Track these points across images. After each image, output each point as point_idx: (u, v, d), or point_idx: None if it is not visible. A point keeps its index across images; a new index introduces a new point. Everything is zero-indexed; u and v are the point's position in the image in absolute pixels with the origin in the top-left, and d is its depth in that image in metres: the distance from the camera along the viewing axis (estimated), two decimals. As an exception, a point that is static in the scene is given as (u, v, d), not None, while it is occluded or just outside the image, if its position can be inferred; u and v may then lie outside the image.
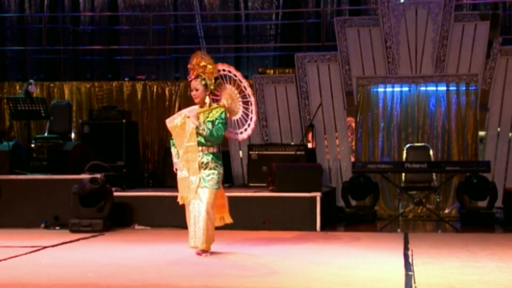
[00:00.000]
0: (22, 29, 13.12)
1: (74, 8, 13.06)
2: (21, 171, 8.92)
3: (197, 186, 5.97)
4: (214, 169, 6.06)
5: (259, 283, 4.83)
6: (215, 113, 6.12)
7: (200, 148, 6.03)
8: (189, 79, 6.16)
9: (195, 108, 6.14)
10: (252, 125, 6.39)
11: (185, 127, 6.01)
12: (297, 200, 8.32)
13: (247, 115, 6.36)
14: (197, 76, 6.10)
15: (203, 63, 6.13)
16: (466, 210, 9.37)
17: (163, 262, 5.75)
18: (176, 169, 6.09)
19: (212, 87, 6.15)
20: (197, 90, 6.10)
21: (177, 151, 6.07)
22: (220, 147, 6.26)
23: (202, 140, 6.04)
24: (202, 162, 6.02)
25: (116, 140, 10.37)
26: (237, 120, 6.37)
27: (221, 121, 6.07)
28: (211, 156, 6.08)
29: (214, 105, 6.18)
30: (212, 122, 6.07)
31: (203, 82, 6.09)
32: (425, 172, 9.05)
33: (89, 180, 8.02)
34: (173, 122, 6.09)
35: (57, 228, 8.31)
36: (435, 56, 10.13)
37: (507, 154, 10.03)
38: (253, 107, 6.36)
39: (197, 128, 5.96)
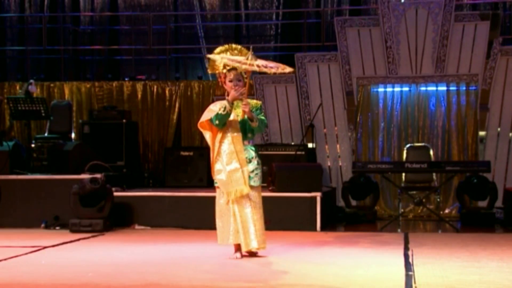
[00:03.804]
0: (22, 29, 13.12)
1: (74, 8, 13.06)
2: (21, 171, 8.92)
3: (247, 180, 5.78)
4: (258, 163, 5.94)
5: (259, 283, 4.83)
6: (254, 107, 5.91)
7: (244, 140, 5.89)
8: (220, 70, 5.89)
9: (225, 100, 5.86)
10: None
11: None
12: (297, 200, 8.32)
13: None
14: (233, 68, 5.87)
15: (229, 61, 5.89)
16: (466, 210, 9.37)
17: (163, 262, 5.75)
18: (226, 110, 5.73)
19: (247, 81, 5.92)
20: (239, 81, 5.86)
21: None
22: None
23: (246, 133, 5.90)
24: (247, 157, 5.86)
25: (116, 140, 10.37)
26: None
27: (262, 112, 5.95)
28: (254, 150, 5.95)
29: (249, 99, 5.94)
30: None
31: (243, 75, 5.89)
32: (425, 172, 9.05)
33: (89, 180, 8.02)
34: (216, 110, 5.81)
35: (57, 228, 8.31)
36: (435, 56, 10.13)
37: (507, 154, 10.03)
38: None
39: (250, 118, 5.77)
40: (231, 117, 5.85)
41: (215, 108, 5.88)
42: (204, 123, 5.93)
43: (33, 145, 9.98)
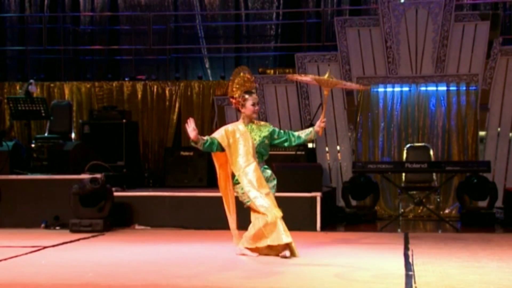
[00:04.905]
0: (22, 29, 13.12)
1: (74, 8, 13.06)
2: (21, 171, 8.92)
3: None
4: (274, 179, 6.17)
5: (259, 283, 4.83)
6: (265, 128, 6.14)
7: (260, 162, 6.09)
8: (239, 97, 6.10)
9: (238, 123, 6.14)
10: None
11: (239, 143, 6.01)
12: (297, 200, 8.31)
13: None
14: (250, 92, 6.11)
15: (252, 79, 6.22)
16: (466, 210, 9.37)
17: (163, 262, 5.75)
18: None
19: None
20: (258, 104, 6.15)
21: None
22: None
23: (262, 155, 6.11)
24: (266, 177, 6.06)
25: (116, 140, 10.37)
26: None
27: (276, 130, 6.18)
28: (267, 167, 6.17)
29: (260, 122, 6.25)
30: (266, 137, 6.09)
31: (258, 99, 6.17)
32: (425, 172, 9.05)
33: (90, 180, 8.02)
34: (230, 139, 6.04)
35: (57, 228, 8.31)
36: (435, 56, 10.13)
37: (507, 154, 10.03)
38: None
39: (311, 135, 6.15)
40: (250, 143, 6.00)
41: (230, 128, 6.08)
42: None
43: (33, 145, 9.98)
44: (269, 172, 6.14)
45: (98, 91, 11.54)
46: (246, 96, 6.09)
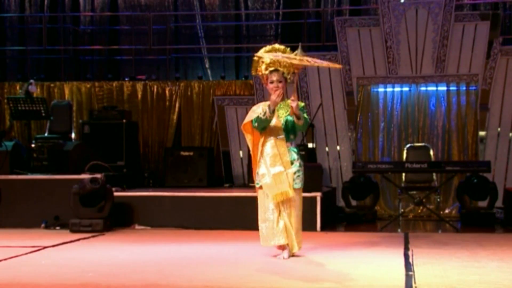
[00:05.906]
0: (22, 29, 13.12)
1: (74, 8, 13.06)
2: (21, 171, 8.92)
3: (292, 182, 5.81)
4: (300, 165, 5.94)
5: (259, 283, 4.83)
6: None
7: (287, 142, 5.86)
8: (263, 72, 5.88)
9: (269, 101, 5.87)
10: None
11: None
12: (297, 200, 8.29)
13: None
14: (275, 70, 5.85)
15: (281, 57, 5.87)
16: (466, 210, 9.37)
17: (163, 262, 5.75)
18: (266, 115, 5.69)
19: (289, 81, 5.96)
20: (280, 82, 5.81)
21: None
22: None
23: (288, 134, 5.87)
24: (290, 160, 5.86)
25: (117, 140, 10.37)
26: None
27: (305, 111, 5.91)
28: (296, 151, 5.93)
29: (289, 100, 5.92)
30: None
31: (285, 76, 5.88)
32: (425, 172, 9.05)
33: (90, 180, 8.02)
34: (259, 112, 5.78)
35: (57, 228, 8.31)
36: (435, 56, 10.14)
37: (507, 154, 10.04)
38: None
39: (297, 115, 5.71)
40: (273, 120, 5.81)
41: (258, 109, 5.86)
42: (247, 125, 5.92)
43: (33, 145, 9.98)
44: (295, 155, 5.91)
45: (98, 91, 11.54)
46: (268, 74, 5.86)
